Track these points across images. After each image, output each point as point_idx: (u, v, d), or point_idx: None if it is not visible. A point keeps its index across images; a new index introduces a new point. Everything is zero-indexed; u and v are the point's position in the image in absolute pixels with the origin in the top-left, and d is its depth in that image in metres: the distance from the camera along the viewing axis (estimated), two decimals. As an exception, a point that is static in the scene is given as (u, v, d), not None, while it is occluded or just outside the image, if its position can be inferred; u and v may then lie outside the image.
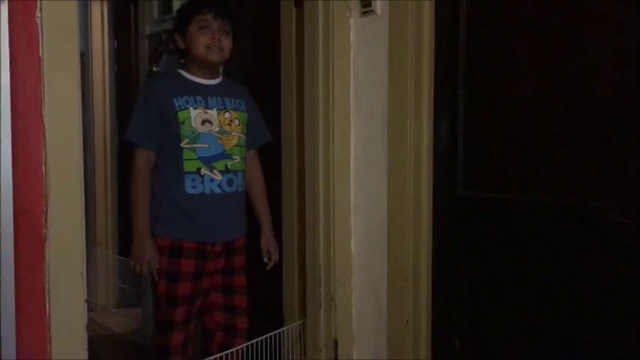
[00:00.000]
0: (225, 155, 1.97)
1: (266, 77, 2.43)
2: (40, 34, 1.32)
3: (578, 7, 1.61)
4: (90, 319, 1.45)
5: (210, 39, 1.94)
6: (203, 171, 1.93)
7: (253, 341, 2.03)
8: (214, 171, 1.94)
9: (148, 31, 3.31)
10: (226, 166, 1.97)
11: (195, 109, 1.93)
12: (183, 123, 1.91)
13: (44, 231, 1.34)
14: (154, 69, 3.16)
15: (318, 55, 2.06)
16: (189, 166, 1.92)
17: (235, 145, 2.00)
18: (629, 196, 1.53)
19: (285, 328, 2.17)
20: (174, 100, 1.92)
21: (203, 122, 1.94)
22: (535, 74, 1.72)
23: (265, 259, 2.12)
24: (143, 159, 1.93)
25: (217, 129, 1.96)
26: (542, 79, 1.70)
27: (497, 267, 1.81)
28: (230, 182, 1.98)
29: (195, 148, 1.92)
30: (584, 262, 1.61)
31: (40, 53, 1.33)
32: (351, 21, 2.07)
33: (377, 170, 2.04)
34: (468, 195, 1.90)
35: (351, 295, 2.11)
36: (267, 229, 2.14)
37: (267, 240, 2.12)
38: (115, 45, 3.77)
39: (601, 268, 1.58)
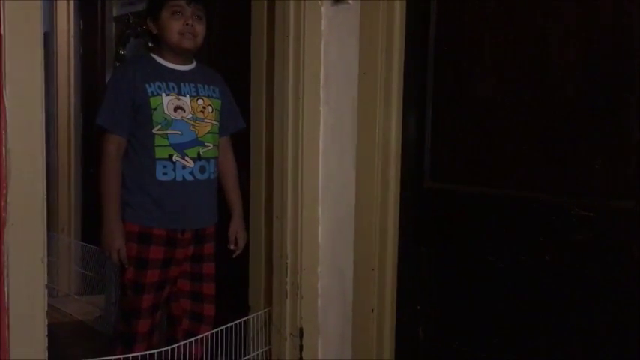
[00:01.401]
0: (197, 142, 1.94)
1: (235, 64, 2.41)
2: (2, 12, 1.28)
3: (544, 5, 1.63)
4: (51, 306, 1.43)
5: (183, 25, 1.91)
6: (175, 158, 1.90)
7: (218, 329, 2.02)
8: (186, 158, 1.92)
9: (115, 13, 3.24)
10: (199, 153, 1.95)
11: (167, 95, 1.91)
12: (155, 109, 1.88)
13: (3, 215, 1.31)
14: (121, 52, 3.10)
15: (288, 43, 2.04)
16: (160, 153, 1.90)
17: (208, 133, 1.98)
18: (591, 190, 1.56)
19: (250, 317, 2.16)
20: (147, 85, 1.89)
21: (176, 109, 1.91)
22: (501, 70, 1.74)
23: (231, 247, 2.11)
24: (114, 145, 1.89)
25: (190, 116, 1.93)
26: (508, 75, 1.72)
27: (462, 259, 1.84)
28: (202, 170, 1.96)
29: (167, 134, 1.90)
30: (548, 255, 1.64)
31: (2, 32, 1.29)
32: (323, 9, 2.06)
33: (345, 160, 2.04)
34: (434, 187, 1.92)
35: (317, 285, 2.12)
36: (238, 216, 2.13)
37: (235, 227, 2.11)
38: (81, 26, 3.69)
39: (565, 261, 1.61)
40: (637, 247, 1.48)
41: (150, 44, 2.02)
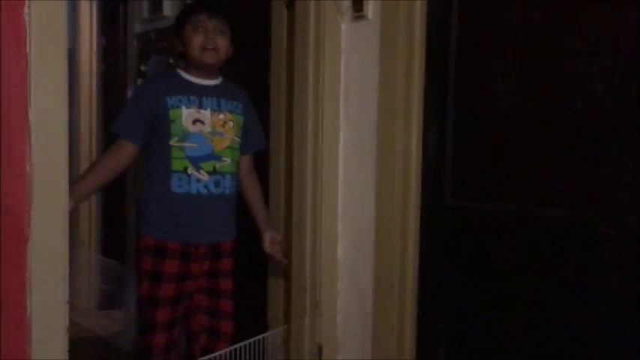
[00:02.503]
0: (214, 156, 1.95)
1: (256, 80, 2.42)
2: (27, 30, 1.30)
3: (567, 19, 1.62)
4: (71, 321, 1.42)
5: (205, 39, 1.93)
6: (190, 170, 1.91)
7: (236, 346, 2.01)
8: (201, 171, 1.93)
9: (137, 30, 3.28)
10: (214, 167, 1.95)
11: (187, 108, 1.92)
12: (173, 121, 1.90)
13: (27, 231, 1.32)
14: (142, 68, 3.14)
15: (308, 59, 2.05)
16: (176, 165, 1.91)
17: (227, 147, 1.98)
18: (614, 208, 1.54)
19: (268, 334, 2.15)
20: (168, 98, 1.91)
21: (194, 122, 1.92)
22: (524, 85, 1.72)
23: (277, 257, 2.09)
24: (118, 145, 1.92)
25: (209, 129, 1.94)
26: (531, 90, 1.71)
27: (484, 277, 1.81)
28: (217, 184, 1.96)
29: (183, 147, 1.91)
30: (572, 273, 1.61)
31: (28, 50, 1.31)
32: (343, 26, 2.07)
33: (365, 176, 2.03)
34: (455, 204, 1.89)
35: (336, 301, 2.10)
36: (267, 228, 2.10)
37: (270, 235, 2.09)
38: (104, 43, 3.74)
39: (588, 279, 1.58)
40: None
41: (171, 61, 2.05)
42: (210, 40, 1.94)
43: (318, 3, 2.04)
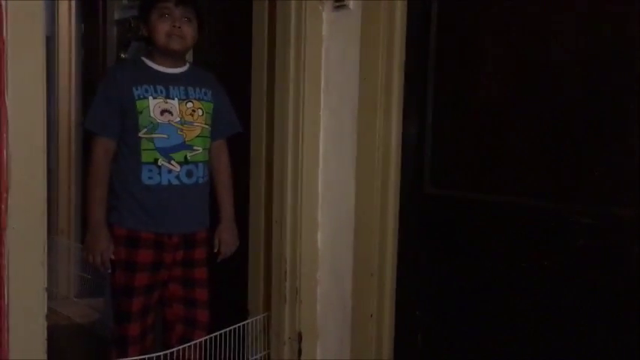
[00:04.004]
0: (184, 146, 1.94)
1: (236, 69, 2.41)
2: (4, 17, 1.29)
3: (547, 9, 1.64)
4: (49, 308, 1.42)
5: (171, 27, 1.91)
6: (160, 162, 1.90)
7: (216, 334, 2.02)
8: (172, 162, 1.92)
9: (116, 17, 3.25)
10: (185, 157, 1.94)
11: (154, 98, 1.90)
12: (141, 112, 1.88)
13: (4, 218, 1.31)
14: (122, 56, 3.11)
15: (289, 48, 2.05)
16: (146, 157, 1.89)
17: (197, 136, 1.97)
18: (592, 197, 1.57)
19: (247, 321, 2.16)
20: (134, 88, 1.89)
21: (162, 112, 1.91)
22: (503, 75, 1.74)
23: (215, 251, 2.08)
24: (102, 148, 1.90)
25: (178, 119, 1.93)
26: (509, 81, 1.72)
27: (462, 265, 1.84)
28: (189, 174, 1.95)
29: (153, 138, 1.89)
30: (548, 261, 1.64)
31: (5, 36, 1.29)
32: (324, 15, 2.07)
33: (345, 165, 2.04)
34: (434, 193, 1.91)
35: (316, 289, 2.12)
36: (225, 220, 2.09)
37: (220, 231, 2.08)
38: (83, 30, 3.69)
39: (565, 268, 1.61)
40: (638, 254, 1.48)
41: (150, 47, 2.03)
42: (177, 28, 1.92)
43: (299, -7, 2.04)
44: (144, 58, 1.99)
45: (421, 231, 1.94)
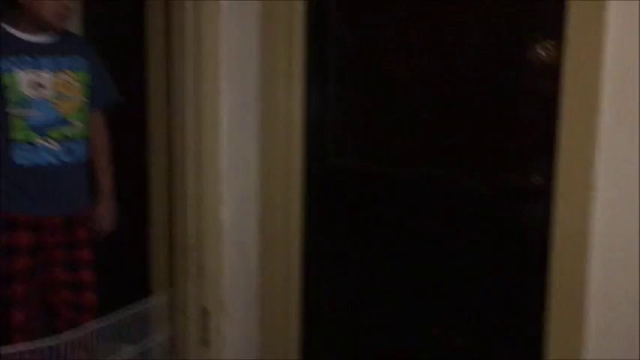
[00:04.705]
0: (62, 122, 1.82)
1: (133, 37, 2.30)
2: None
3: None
4: None
5: (63, 8, 1.78)
6: (36, 140, 1.78)
7: (116, 313, 1.94)
8: (50, 140, 1.80)
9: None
10: (64, 134, 1.83)
11: (23, 70, 1.76)
12: (8, 87, 1.74)
13: None
14: None
15: (187, 22, 1.97)
16: (18, 135, 1.77)
17: (75, 111, 1.86)
18: (485, 166, 1.63)
19: (152, 299, 2.10)
20: None
21: (34, 86, 1.77)
22: (401, 49, 1.77)
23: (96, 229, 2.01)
24: None
25: (52, 93, 1.80)
26: (407, 55, 1.76)
27: (365, 234, 1.88)
28: (69, 151, 1.84)
29: (25, 115, 1.76)
30: (446, 228, 1.70)
31: None
32: (223, -16, 2.00)
33: (249, 138, 2.02)
34: (337, 164, 1.93)
35: (222, 264, 2.09)
36: (103, 196, 2.01)
37: (98, 209, 2.00)
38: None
39: (460, 234, 1.68)
40: (528, 220, 1.56)
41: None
42: (68, 10, 1.80)
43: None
44: (5, 26, 1.80)
45: (326, 201, 1.96)
